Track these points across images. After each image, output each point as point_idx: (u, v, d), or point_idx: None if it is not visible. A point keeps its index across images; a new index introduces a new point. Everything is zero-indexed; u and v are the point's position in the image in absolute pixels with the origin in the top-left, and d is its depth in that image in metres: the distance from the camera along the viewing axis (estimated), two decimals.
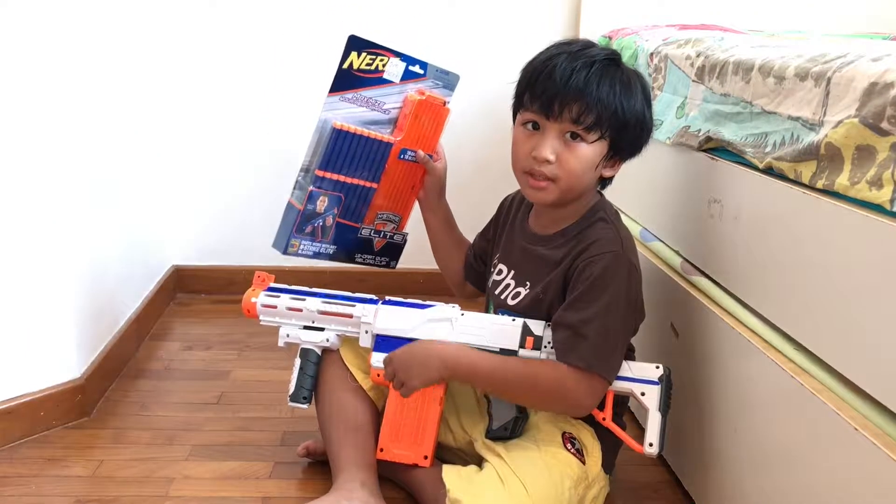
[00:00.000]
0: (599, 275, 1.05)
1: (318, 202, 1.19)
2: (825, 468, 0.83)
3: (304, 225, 1.20)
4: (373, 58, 1.17)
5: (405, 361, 1.12)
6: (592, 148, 1.07)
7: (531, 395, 1.10)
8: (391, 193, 1.26)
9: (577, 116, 1.04)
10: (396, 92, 1.21)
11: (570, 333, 1.06)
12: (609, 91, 1.04)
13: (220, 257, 2.03)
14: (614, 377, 1.08)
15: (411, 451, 1.16)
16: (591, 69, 1.04)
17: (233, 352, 1.72)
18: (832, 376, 0.85)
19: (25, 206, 1.29)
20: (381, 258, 1.31)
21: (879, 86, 0.78)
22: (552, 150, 1.06)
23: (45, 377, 1.36)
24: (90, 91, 1.47)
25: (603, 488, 1.16)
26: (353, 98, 1.18)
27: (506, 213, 1.27)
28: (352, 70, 1.16)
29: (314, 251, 1.24)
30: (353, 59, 1.15)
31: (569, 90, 1.04)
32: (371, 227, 1.27)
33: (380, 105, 1.20)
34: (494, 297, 1.21)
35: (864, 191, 0.79)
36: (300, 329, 1.23)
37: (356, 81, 1.17)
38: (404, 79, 1.21)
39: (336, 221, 1.23)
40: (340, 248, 1.26)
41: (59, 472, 1.25)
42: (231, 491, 1.22)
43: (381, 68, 1.18)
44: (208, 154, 1.97)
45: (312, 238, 1.22)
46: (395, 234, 1.30)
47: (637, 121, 1.08)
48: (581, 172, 1.07)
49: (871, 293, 0.78)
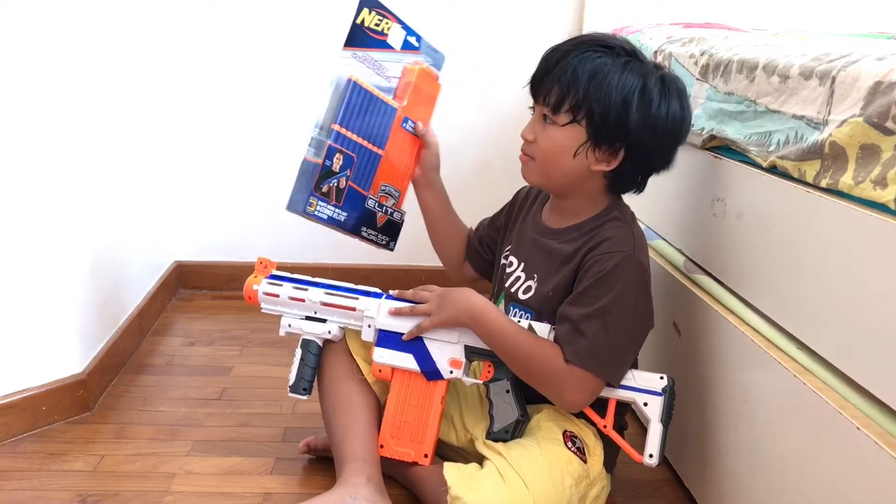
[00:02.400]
0: (607, 273, 1.05)
1: (335, 159, 1.16)
2: (827, 467, 0.83)
3: (322, 182, 1.16)
4: (380, 19, 1.19)
5: (444, 294, 1.14)
6: (563, 132, 1.07)
7: (531, 374, 1.10)
8: (392, 165, 1.24)
9: (551, 99, 1.07)
10: (395, 60, 1.21)
11: (570, 328, 1.06)
12: (581, 74, 1.04)
13: (223, 253, 2.03)
14: (617, 377, 1.08)
15: (412, 449, 1.16)
16: (569, 52, 1.06)
17: (235, 347, 1.72)
18: (834, 375, 0.85)
19: (28, 201, 1.29)
20: (382, 236, 1.27)
21: (884, 85, 0.78)
22: (531, 130, 1.12)
23: (46, 372, 1.36)
24: (93, 88, 1.47)
25: (604, 487, 1.16)
26: (363, 58, 1.18)
27: (520, 204, 1.27)
28: (363, 27, 1.17)
29: (328, 215, 1.18)
30: (364, 16, 1.17)
31: (548, 73, 1.07)
32: (376, 199, 1.24)
33: (383, 70, 1.20)
34: (505, 289, 1.21)
35: (869, 190, 0.79)
36: (302, 319, 1.23)
37: (366, 40, 1.18)
38: (404, 48, 1.22)
39: (348, 185, 1.19)
40: (350, 217, 1.21)
41: (61, 467, 1.25)
42: (232, 486, 1.22)
43: (385, 31, 1.19)
44: (210, 150, 1.97)
45: (327, 200, 1.17)
46: (395, 212, 1.27)
47: (613, 109, 1.03)
48: (552, 154, 1.09)
49: (874, 292, 0.78)
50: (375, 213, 1.24)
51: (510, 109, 1.87)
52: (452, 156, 1.31)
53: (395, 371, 1.17)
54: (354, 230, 1.23)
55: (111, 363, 1.53)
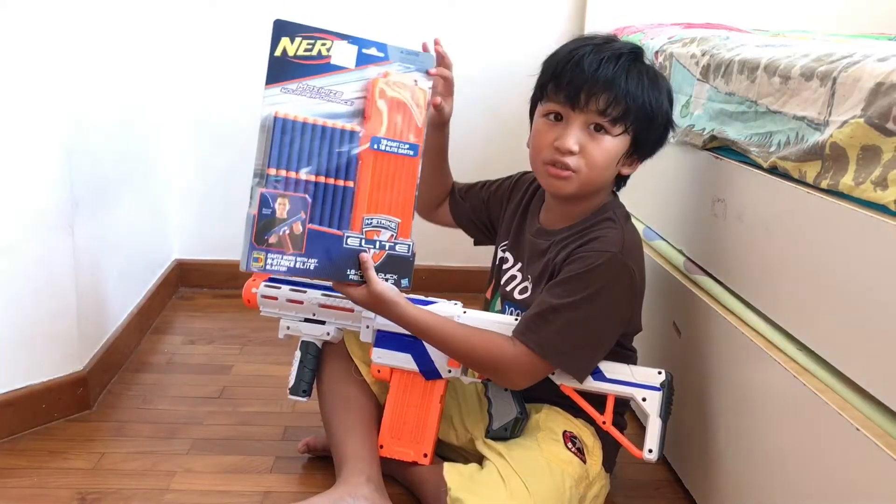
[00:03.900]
0: (587, 270, 1.05)
1: (277, 206, 1.03)
2: (826, 468, 0.83)
3: (263, 234, 1.04)
4: (311, 42, 1.05)
5: (377, 292, 1.06)
6: (616, 142, 1.07)
7: (467, 358, 1.11)
8: (377, 193, 1.07)
9: (604, 107, 1.04)
10: (355, 79, 1.06)
11: (537, 314, 1.06)
12: (637, 84, 1.05)
13: (223, 251, 2.03)
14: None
15: (411, 449, 1.16)
16: (618, 61, 1.05)
17: (235, 346, 1.72)
18: (834, 376, 0.85)
19: (29, 198, 1.29)
20: (384, 276, 1.08)
21: (885, 86, 0.78)
22: (576, 140, 1.06)
23: (47, 369, 1.36)
24: (94, 86, 1.47)
25: (603, 487, 1.16)
26: (299, 89, 1.04)
27: (521, 193, 1.25)
28: (287, 58, 1.04)
29: (288, 266, 1.04)
30: (285, 46, 1.04)
31: (597, 80, 1.04)
32: (359, 236, 1.07)
33: (336, 95, 1.06)
34: (501, 287, 1.21)
35: (869, 191, 0.79)
36: (301, 322, 1.23)
37: (297, 70, 1.05)
38: (361, 63, 1.07)
39: (307, 229, 1.05)
40: (324, 262, 1.06)
41: (61, 465, 1.25)
42: (232, 485, 1.22)
43: (325, 53, 1.05)
44: (211, 148, 1.97)
45: (281, 251, 1.04)
46: (396, 244, 1.09)
47: (663, 118, 1.09)
48: (604, 165, 1.07)
49: (874, 293, 0.78)
50: (363, 251, 1.07)
51: (511, 109, 1.86)
52: (453, 156, 1.30)
53: (393, 371, 1.17)
54: (336, 275, 1.07)
55: (111, 361, 1.53)
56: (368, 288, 1.05)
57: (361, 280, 1.07)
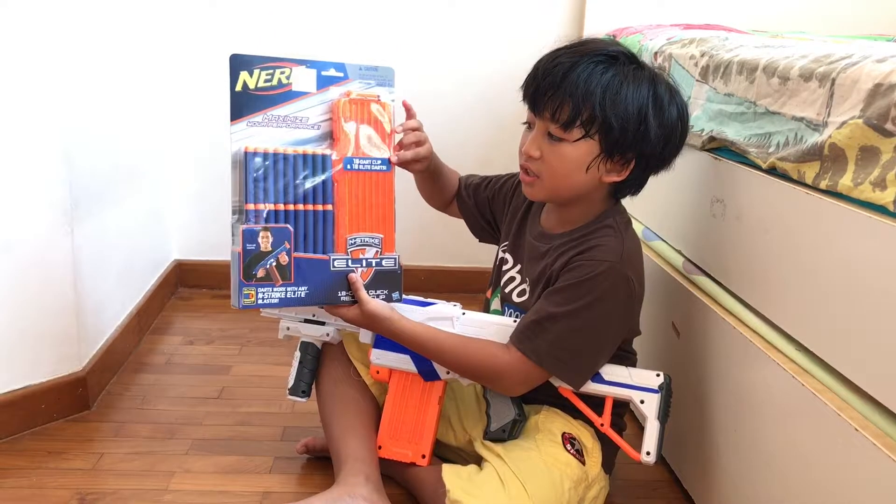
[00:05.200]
0: (585, 279, 1.04)
1: (260, 240, 1.03)
2: (825, 469, 0.83)
3: (250, 269, 1.03)
4: (270, 73, 1.04)
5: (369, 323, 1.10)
6: (575, 148, 1.04)
7: (463, 368, 1.11)
8: (356, 213, 1.09)
9: (552, 113, 1.03)
10: (318, 103, 1.07)
11: (533, 321, 1.06)
12: (594, 88, 1.00)
13: (222, 252, 2.00)
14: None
15: (410, 450, 1.16)
16: (575, 65, 1.01)
17: (234, 346, 1.72)
18: (833, 377, 0.85)
19: (28, 198, 1.29)
20: (375, 292, 1.10)
21: (884, 87, 0.78)
22: (536, 146, 1.06)
23: (46, 369, 1.36)
24: (95, 86, 1.47)
25: (603, 488, 1.16)
26: (265, 120, 1.04)
27: (524, 196, 1.23)
28: (248, 91, 1.03)
29: (279, 297, 1.04)
30: (245, 79, 1.03)
31: (546, 85, 1.03)
32: (345, 257, 1.08)
33: (303, 121, 1.06)
34: (501, 288, 1.21)
35: (868, 192, 0.79)
36: (300, 322, 1.23)
37: (260, 102, 1.04)
38: (322, 86, 1.07)
39: (293, 258, 1.05)
40: (315, 288, 1.07)
41: (60, 465, 1.25)
42: (231, 485, 1.22)
43: (285, 81, 1.05)
44: (210, 148, 1.96)
45: (271, 283, 1.04)
46: (383, 259, 1.11)
47: (631, 121, 1.01)
48: (565, 172, 1.06)
49: (872, 294, 0.78)
50: (351, 271, 1.09)
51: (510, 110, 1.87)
52: (453, 157, 1.30)
53: (392, 372, 1.17)
54: (328, 299, 1.09)
55: (110, 361, 1.53)
56: (361, 308, 1.07)
57: (353, 300, 1.08)
